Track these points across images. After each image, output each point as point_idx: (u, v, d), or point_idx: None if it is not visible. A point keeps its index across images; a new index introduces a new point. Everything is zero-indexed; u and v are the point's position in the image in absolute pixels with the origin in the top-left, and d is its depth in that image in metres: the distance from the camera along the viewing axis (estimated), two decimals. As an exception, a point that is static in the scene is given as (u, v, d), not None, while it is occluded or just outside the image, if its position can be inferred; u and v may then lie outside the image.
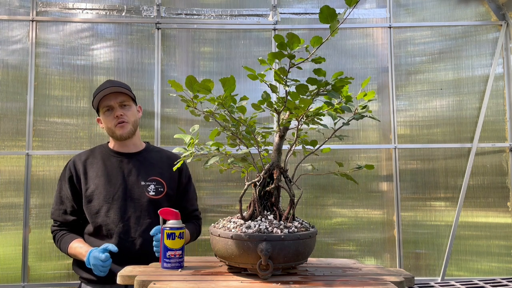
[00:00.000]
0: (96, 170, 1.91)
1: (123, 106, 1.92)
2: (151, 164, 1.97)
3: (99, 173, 1.90)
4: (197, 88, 1.19)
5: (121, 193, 1.87)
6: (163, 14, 2.83)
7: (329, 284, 1.20)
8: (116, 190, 1.87)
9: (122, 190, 1.87)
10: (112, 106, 1.91)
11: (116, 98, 1.91)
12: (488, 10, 2.91)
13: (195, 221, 2.05)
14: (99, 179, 1.89)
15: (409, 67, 2.89)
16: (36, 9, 2.76)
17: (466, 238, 2.80)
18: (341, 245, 2.78)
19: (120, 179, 1.89)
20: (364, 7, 2.92)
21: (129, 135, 1.93)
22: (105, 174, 1.90)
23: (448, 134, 2.85)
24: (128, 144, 1.97)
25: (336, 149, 2.78)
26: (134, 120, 1.95)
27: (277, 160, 1.37)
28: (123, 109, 1.92)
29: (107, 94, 1.89)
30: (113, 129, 1.91)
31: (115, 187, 1.87)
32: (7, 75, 2.71)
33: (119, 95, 1.91)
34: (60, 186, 1.95)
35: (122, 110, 1.91)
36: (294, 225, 1.28)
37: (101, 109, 1.94)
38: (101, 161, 1.94)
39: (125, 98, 1.93)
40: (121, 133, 1.91)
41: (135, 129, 1.96)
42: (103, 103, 1.91)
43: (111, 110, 1.91)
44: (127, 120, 1.92)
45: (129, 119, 1.93)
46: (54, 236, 1.94)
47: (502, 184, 2.81)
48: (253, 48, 2.87)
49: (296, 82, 1.16)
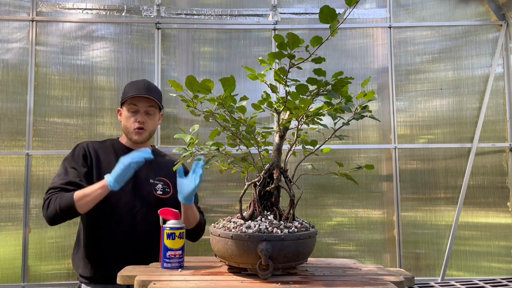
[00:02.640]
0: (109, 159, 1.90)
1: (148, 114, 1.94)
2: (158, 165, 1.98)
3: (111, 163, 1.87)
4: (197, 88, 1.19)
5: (130, 187, 1.86)
6: (163, 14, 2.83)
7: (329, 284, 1.20)
8: (126, 184, 1.86)
9: (132, 185, 1.87)
10: (138, 110, 1.92)
11: (146, 103, 1.91)
12: (488, 10, 2.91)
13: (201, 215, 2.05)
14: (111, 169, 1.86)
15: (409, 67, 2.89)
16: (36, 9, 2.76)
17: (466, 238, 2.80)
18: (341, 245, 2.78)
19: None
20: (364, 7, 2.92)
21: (143, 141, 1.95)
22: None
23: (448, 134, 2.85)
24: (139, 146, 1.99)
25: (336, 149, 2.78)
26: (152, 130, 1.97)
27: (277, 160, 1.36)
28: (147, 117, 1.93)
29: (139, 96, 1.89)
30: (131, 131, 1.93)
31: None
32: (7, 75, 2.71)
33: (149, 100, 1.92)
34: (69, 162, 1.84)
35: (145, 117, 1.92)
36: (294, 225, 1.28)
37: (126, 105, 1.93)
38: (113, 153, 1.94)
39: (153, 107, 1.94)
40: (137, 139, 1.93)
41: (150, 137, 1.99)
42: (131, 101, 1.92)
43: (136, 113, 1.92)
44: (146, 128, 1.93)
45: (149, 127, 1.94)
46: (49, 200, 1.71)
47: (502, 184, 2.81)
48: (253, 48, 2.87)
49: (296, 82, 1.16)
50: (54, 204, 1.69)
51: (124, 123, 1.95)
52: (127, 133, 1.95)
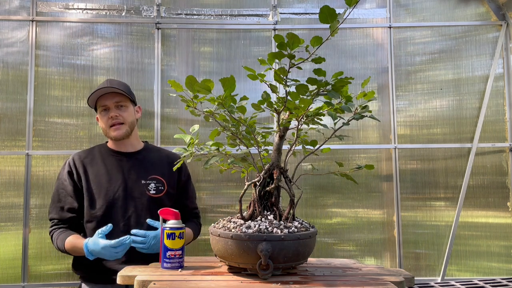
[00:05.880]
0: (96, 169, 1.91)
1: (119, 107, 1.91)
2: (150, 163, 1.97)
3: (99, 172, 1.90)
4: (197, 88, 1.19)
5: (121, 192, 1.86)
6: (163, 14, 2.83)
7: (329, 284, 1.20)
8: (116, 189, 1.87)
9: (123, 189, 1.87)
10: (108, 106, 1.90)
11: (112, 98, 1.90)
12: (488, 10, 2.91)
13: (195, 220, 2.06)
14: (99, 178, 1.88)
15: (409, 67, 2.89)
16: (36, 9, 2.76)
17: (466, 238, 2.79)
18: (341, 245, 2.78)
19: (120, 178, 1.89)
20: (364, 7, 2.92)
21: (124, 136, 1.92)
22: (105, 173, 1.89)
23: (448, 134, 2.85)
24: (125, 144, 1.97)
25: (336, 149, 2.78)
26: (131, 121, 1.94)
27: (277, 160, 1.37)
28: (119, 110, 1.90)
29: (103, 94, 1.89)
30: (108, 130, 1.91)
31: (116, 186, 1.87)
32: (7, 75, 2.71)
33: (115, 95, 1.90)
34: (58, 184, 1.93)
35: (117, 111, 1.90)
36: (294, 225, 1.28)
37: (98, 108, 1.94)
38: (101, 160, 1.93)
39: (122, 99, 1.91)
40: (115, 135, 1.90)
41: (131, 130, 1.95)
42: (100, 103, 1.91)
43: (107, 110, 1.91)
44: (123, 121, 1.91)
45: (125, 119, 1.91)
46: (51, 236, 1.89)
47: (502, 184, 2.81)
48: (253, 48, 2.87)
49: (296, 82, 1.16)
50: (55, 244, 1.86)
51: (101, 125, 1.95)
52: (106, 134, 1.94)
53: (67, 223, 1.88)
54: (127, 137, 1.94)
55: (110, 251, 1.62)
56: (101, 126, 1.95)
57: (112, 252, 1.62)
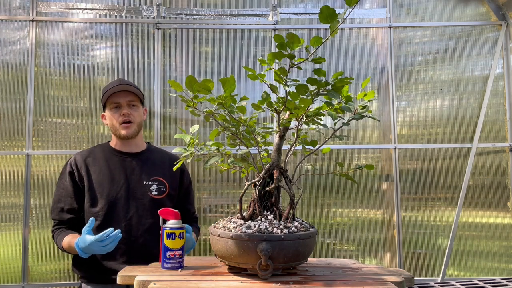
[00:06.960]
0: (98, 168, 1.90)
1: (131, 106, 1.93)
2: (153, 164, 1.97)
3: (102, 172, 1.89)
4: (197, 88, 1.19)
5: (124, 192, 1.86)
6: (163, 14, 2.83)
7: (329, 284, 1.20)
8: (119, 189, 1.86)
9: (125, 189, 1.87)
10: (120, 104, 1.91)
11: (126, 96, 1.91)
12: (488, 10, 2.91)
13: (196, 224, 2.07)
14: (101, 178, 1.88)
15: (409, 67, 2.89)
16: (36, 9, 2.76)
17: (466, 238, 2.80)
18: (341, 245, 2.78)
19: (123, 178, 1.89)
20: (364, 7, 2.92)
21: (133, 135, 1.93)
22: (108, 172, 1.89)
23: (448, 134, 2.85)
24: (130, 144, 1.97)
25: (336, 149, 2.78)
26: (139, 121, 1.96)
27: (277, 160, 1.36)
28: (130, 109, 1.92)
29: (117, 91, 1.89)
30: (118, 127, 1.91)
31: (118, 186, 1.87)
32: (7, 75, 2.71)
33: (129, 94, 1.92)
34: (59, 184, 1.93)
35: (129, 110, 1.91)
36: (294, 225, 1.28)
37: (108, 105, 1.94)
38: (103, 159, 1.93)
39: (134, 98, 1.93)
40: (125, 133, 1.91)
41: (139, 130, 1.97)
42: (112, 99, 1.91)
43: (118, 108, 1.92)
44: (133, 120, 1.92)
45: (135, 119, 1.93)
46: (53, 236, 1.91)
47: (502, 184, 2.81)
48: (253, 48, 2.87)
49: (296, 82, 1.16)
50: (56, 243, 1.87)
51: (110, 122, 1.94)
52: (114, 132, 1.94)
53: (67, 224, 1.89)
54: (134, 137, 1.95)
55: (98, 246, 1.60)
56: (109, 123, 1.94)
57: (100, 246, 1.60)
